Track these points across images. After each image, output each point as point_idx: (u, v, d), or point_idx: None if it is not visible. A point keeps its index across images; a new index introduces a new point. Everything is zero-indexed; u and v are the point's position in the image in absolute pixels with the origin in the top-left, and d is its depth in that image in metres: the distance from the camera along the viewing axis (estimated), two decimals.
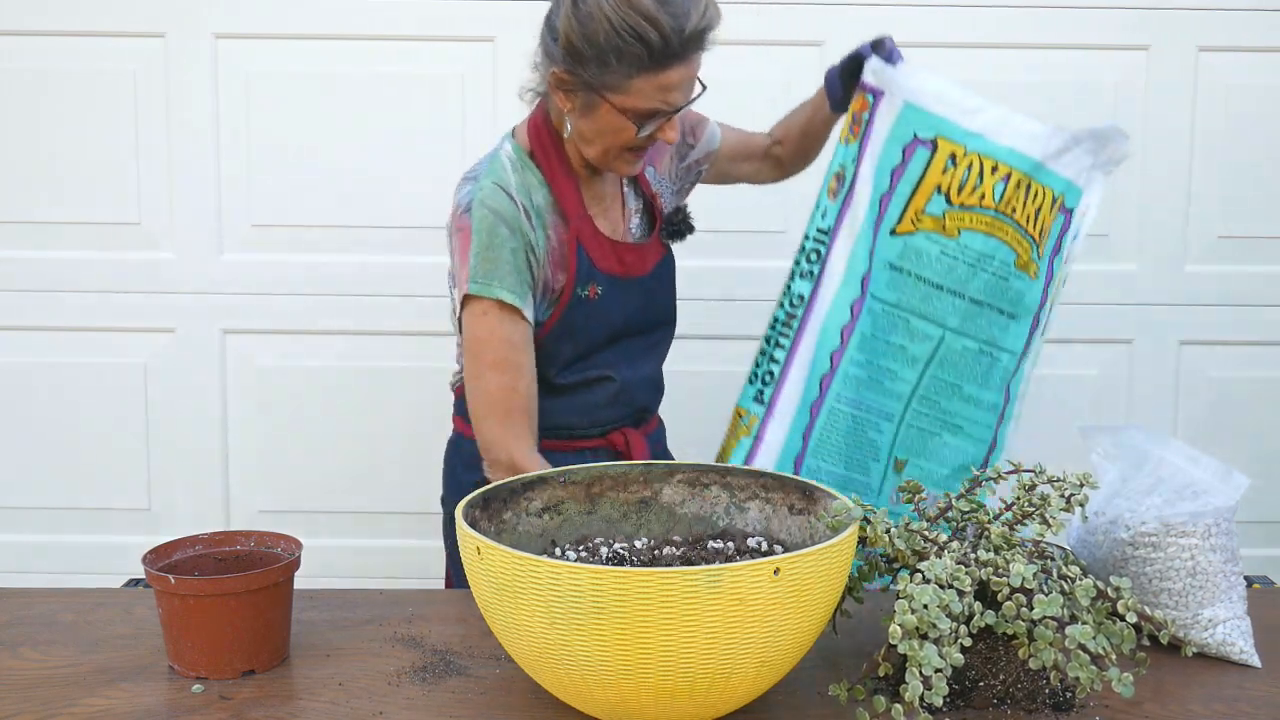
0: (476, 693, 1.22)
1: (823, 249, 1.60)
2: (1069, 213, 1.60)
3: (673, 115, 1.52)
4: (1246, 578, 1.50)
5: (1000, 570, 1.15)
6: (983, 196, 1.55)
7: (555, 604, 1.02)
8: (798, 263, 1.62)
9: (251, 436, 2.65)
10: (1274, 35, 2.54)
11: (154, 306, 2.60)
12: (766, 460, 1.58)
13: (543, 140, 1.59)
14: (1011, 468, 1.27)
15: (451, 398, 1.77)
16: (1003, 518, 1.25)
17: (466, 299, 1.53)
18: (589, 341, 1.63)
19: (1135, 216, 2.59)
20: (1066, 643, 1.09)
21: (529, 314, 1.54)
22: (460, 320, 1.57)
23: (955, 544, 1.18)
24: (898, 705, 1.07)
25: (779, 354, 1.59)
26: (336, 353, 2.61)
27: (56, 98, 2.54)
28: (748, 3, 2.51)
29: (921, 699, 1.06)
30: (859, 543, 1.19)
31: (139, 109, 2.55)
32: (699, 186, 1.84)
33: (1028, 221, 1.57)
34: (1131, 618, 1.15)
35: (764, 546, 1.31)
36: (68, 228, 2.58)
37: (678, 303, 1.77)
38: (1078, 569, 1.17)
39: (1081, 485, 1.23)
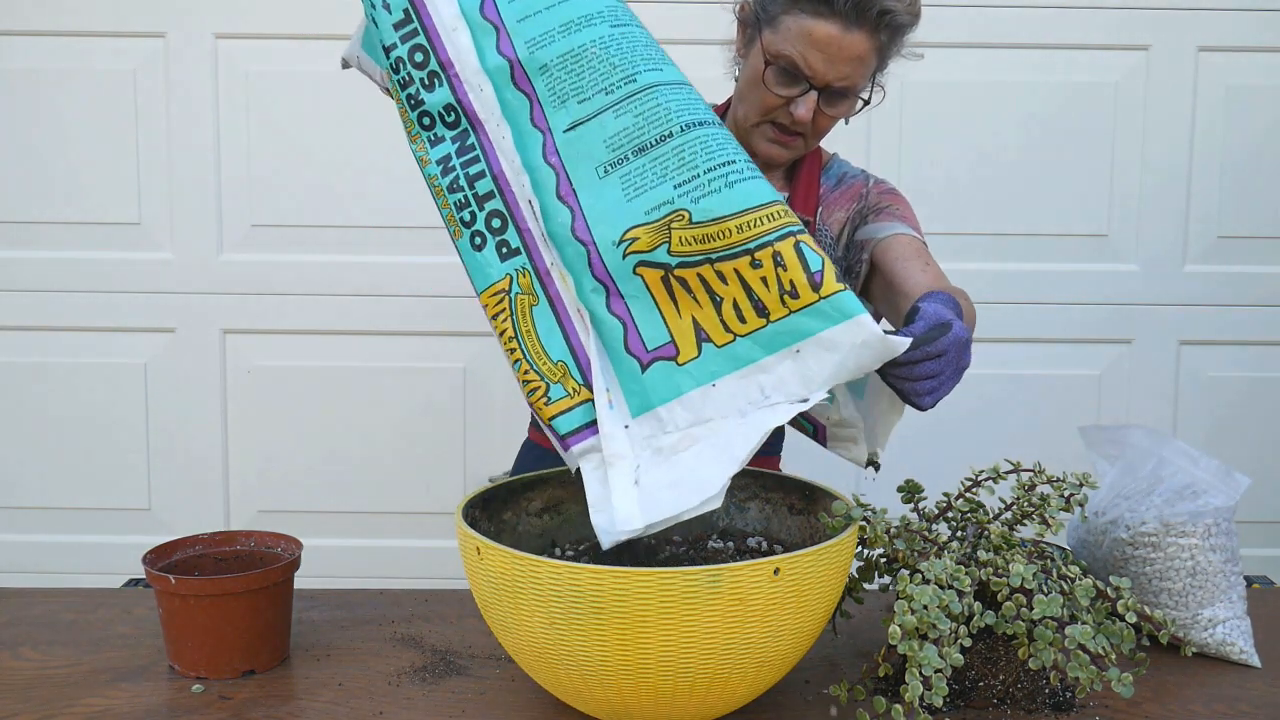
0: (476, 693, 1.22)
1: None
2: None
3: (809, 91, 1.42)
4: (1246, 578, 1.50)
5: (1000, 570, 1.15)
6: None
7: (555, 604, 1.02)
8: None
9: (251, 436, 2.65)
10: (1274, 35, 2.54)
11: (154, 306, 2.60)
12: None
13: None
14: (1011, 467, 1.27)
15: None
16: (1003, 518, 1.25)
17: None
18: None
19: (1135, 216, 2.59)
20: (1066, 643, 1.09)
21: None
22: None
23: (955, 544, 1.18)
24: (898, 706, 1.07)
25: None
26: (336, 353, 2.61)
27: (56, 98, 2.54)
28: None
29: (921, 699, 1.06)
30: (859, 543, 1.19)
31: (139, 109, 2.55)
32: None
33: None
34: (1131, 618, 1.15)
35: (764, 546, 1.31)
36: (68, 228, 2.58)
37: None
38: (1078, 569, 1.17)
39: (1081, 485, 1.23)
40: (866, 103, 1.48)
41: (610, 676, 1.04)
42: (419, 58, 1.17)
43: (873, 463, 1.25)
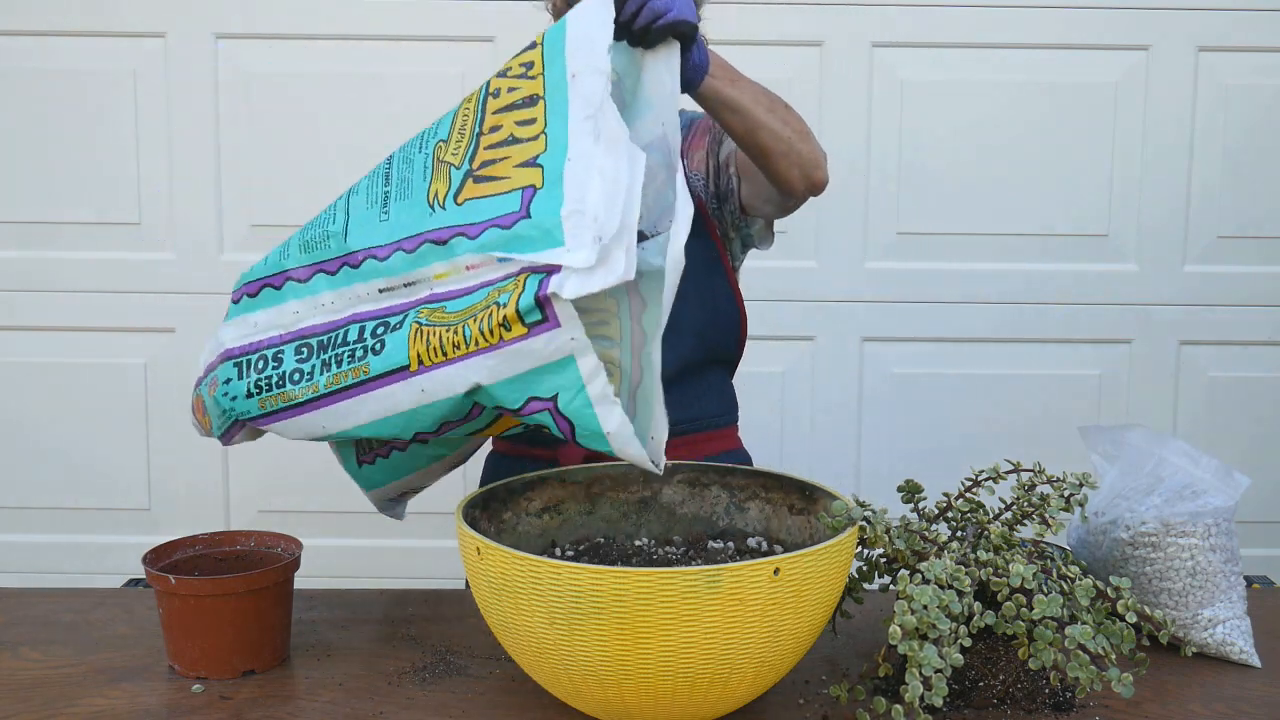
0: (476, 693, 1.22)
1: None
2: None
3: None
4: (1246, 578, 1.50)
5: (1000, 570, 1.15)
6: None
7: (555, 604, 1.02)
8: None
9: None
10: (1274, 35, 2.54)
11: (154, 306, 2.60)
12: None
13: None
14: (1011, 467, 1.27)
15: None
16: (1003, 518, 1.25)
17: None
18: None
19: (1135, 216, 2.59)
20: (1066, 643, 1.09)
21: None
22: None
23: (955, 544, 1.18)
24: (898, 706, 1.07)
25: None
26: None
27: (56, 98, 2.54)
28: (748, 2, 2.51)
29: (921, 699, 1.06)
30: (859, 543, 1.19)
31: (139, 109, 2.55)
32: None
33: None
34: (1131, 618, 1.15)
35: (764, 546, 1.31)
36: (68, 228, 2.58)
37: None
38: (1078, 569, 1.17)
39: (1081, 485, 1.23)
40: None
41: (610, 676, 1.04)
42: (271, 375, 1.31)
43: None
